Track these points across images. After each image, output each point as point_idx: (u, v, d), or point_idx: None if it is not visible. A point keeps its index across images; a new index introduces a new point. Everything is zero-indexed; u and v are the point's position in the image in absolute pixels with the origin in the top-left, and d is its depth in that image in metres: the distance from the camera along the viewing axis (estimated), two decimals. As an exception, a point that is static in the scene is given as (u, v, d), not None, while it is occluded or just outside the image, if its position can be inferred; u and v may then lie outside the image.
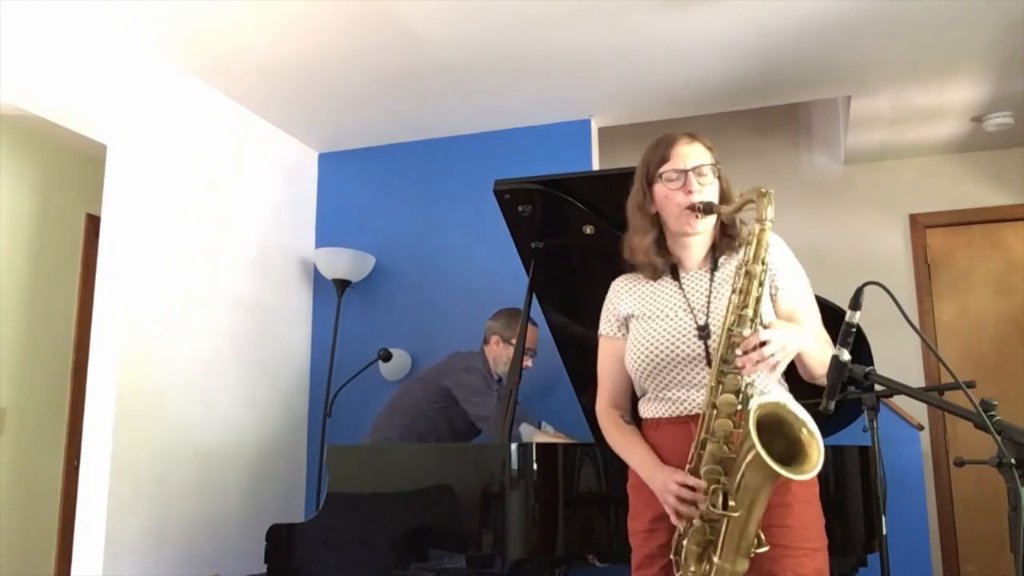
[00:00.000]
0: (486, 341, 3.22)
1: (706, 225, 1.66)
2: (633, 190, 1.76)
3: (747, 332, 1.49)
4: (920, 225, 4.45)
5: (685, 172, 1.65)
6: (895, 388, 1.41)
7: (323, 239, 4.30)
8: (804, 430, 1.41)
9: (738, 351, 1.48)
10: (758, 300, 1.51)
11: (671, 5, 2.94)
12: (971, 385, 1.38)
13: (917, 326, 2.74)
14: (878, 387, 1.78)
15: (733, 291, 1.53)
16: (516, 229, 2.73)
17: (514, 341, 3.10)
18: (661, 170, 1.68)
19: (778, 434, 1.42)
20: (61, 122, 3.02)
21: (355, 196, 4.32)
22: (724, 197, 1.68)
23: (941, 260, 4.41)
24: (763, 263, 1.51)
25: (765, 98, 3.85)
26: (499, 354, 3.17)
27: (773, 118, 4.62)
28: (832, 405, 1.43)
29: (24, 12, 2.76)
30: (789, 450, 1.41)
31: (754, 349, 1.46)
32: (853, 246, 4.43)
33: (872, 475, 2.45)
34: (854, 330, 1.40)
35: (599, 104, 3.88)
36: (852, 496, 2.57)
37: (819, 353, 1.58)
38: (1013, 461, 1.22)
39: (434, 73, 3.49)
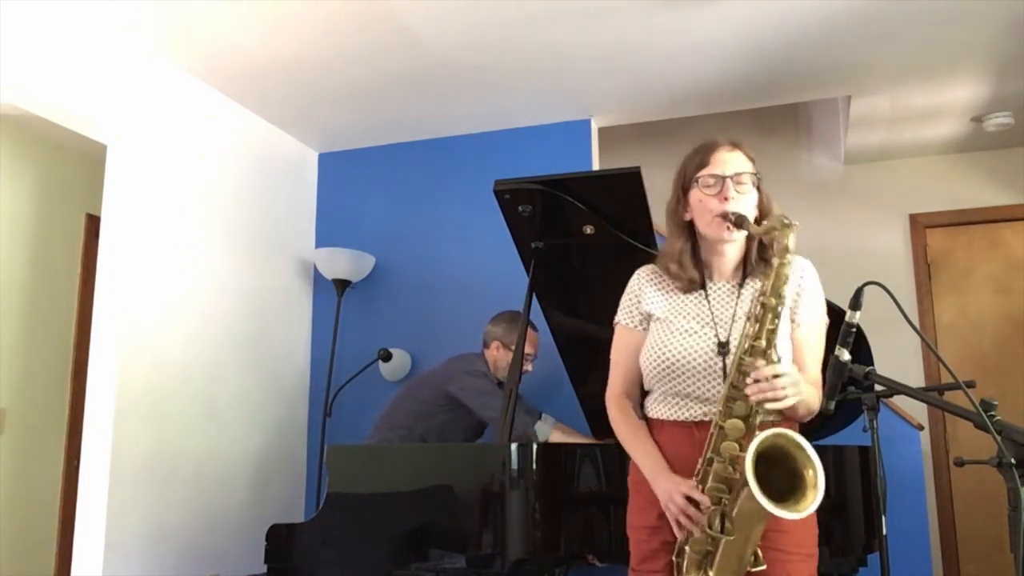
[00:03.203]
0: (486, 345, 3.21)
1: (739, 234, 1.63)
2: (669, 196, 1.73)
3: (759, 363, 1.46)
4: (920, 225, 4.45)
5: (723, 179, 1.62)
6: (895, 388, 1.41)
7: (323, 239, 4.30)
8: (810, 470, 1.39)
9: (749, 379, 1.46)
10: (772, 332, 1.48)
11: (671, 5, 2.93)
12: (971, 385, 1.38)
13: (917, 326, 2.74)
14: (878, 387, 1.78)
15: (748, 319, 1.51)
16: (516, 229, 2.73)
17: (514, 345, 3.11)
18: (698, 175, 1.65)
19: (781, 465, 1.41)
20: (61, 122, 3.02)
21: (355, 196, 4.32)
22: (763, 209, 1.66)
23: (941, 260, 4.41)
24: (780, 296, 1.47)
25: (765, 98, 3.85)
26: (499, 359, 3.16)
27: (773, 118, 4.62)
28: (832, 405, 1.43)
29: (24, 12, 2.76)
30: (790, 482, 1.41)
31: (767, 380, 1.44)
32: (853, 246, 4.43)
33: (872, 475, 2.45)
34: (854, 330, 1.40)
35: (599, 104, 3.88)
36: (852, 496, 2.57)
37: (808, 401, 1.56)
38: (1013, 461, 1.22)
39: (434, 73, 3.49)
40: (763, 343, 1.47)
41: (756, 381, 1.44)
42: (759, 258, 1.67)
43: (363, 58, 3.35)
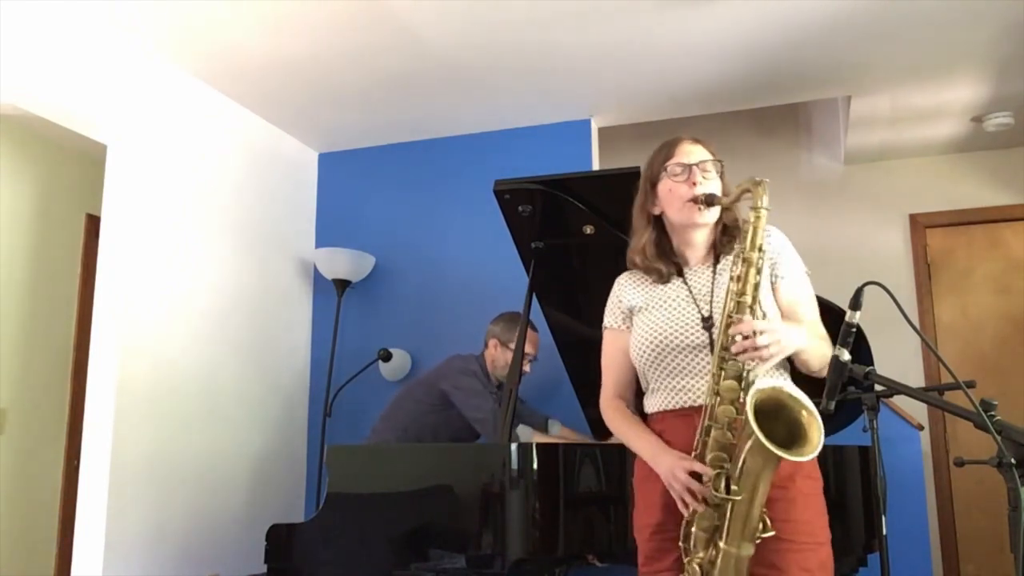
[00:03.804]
0: (485, 344, 3.22)
1: (711, 216, 1.68)
2: (637, 195, 1.79)
3: (746, 318, 1.51)
4: (920, 225, 4.45)
5: (689, 166, 1.68)
6: (895, 388, 1.41)
7: (323, 239, 4.30)
8: (804, 412, 1.43)
9: (737, 337, 1.50)
10: (756, 287, 1.53)
11: (671, 5, 2.94)
12: (971, 385, 1.38)
13: (917, 326, 2.74)
14: (878, 387, 1.78)
15: (731, 278, 1.56)
16: (516, 229, 2.73)
17: (511, 345, 3.10)
18: (666, 165, 1.71)
19: (778, 418, 1.43)
20: (61, 122, 3.02)
21: (355, 196, 4.32)
22: (725, 195, 1.70)
23: (941, 260, 4.41)
24: (760, 250, 1.54)
25: (765, 98, 3.85)
26: (497, 357, 3.16)
27: (773, 118, 4.62)
28: (832, 405, 1.43)
29: (24, 12, 2.76)
30: (790, 433, 1.43)
31: (747, 338, 1.48)
32: (853, 246, 4.43)
33: (872, 475, 2.45)
34: (854, 330, 1.40)
35: (599, 104, 3.88)
36: (852, 496, 2.57)
37: (816, 351, 1.61)
38: (1013, 461, 1.22)
39: (434, 73, 3.49)
40: (748, 299, 1.53)
41: (743, 336, 1.48)
42: (725, 238, 1.74)
43: (363, 58, 3.35)
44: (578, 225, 2.61)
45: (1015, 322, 4.26)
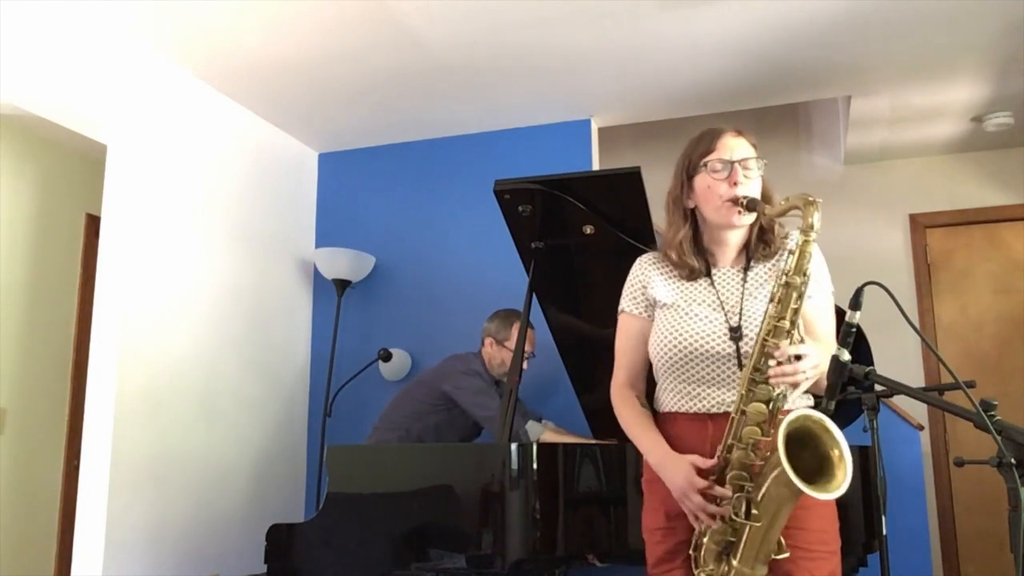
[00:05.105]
0: (482, 343, 3.23)
1: (749, 219, 1.62)
2: (671, 184, 1.72)
3: (783, 343, 1.45)
4: (920, 225, 4.46)
5: (731, 163, 1.61)
6: (895, 388, 1.41)
7: (323, 239, 4.30)
8: (836, 450, 1.40)
9: (771, 361, 1.45)
10: (796, 312, 1.46)
11: (671, 5, 2.94)
12: (971, 385, 1.38)
13: (917, 326, 2.74)
14: (878, 387, 1.78)
15: (771, 300, 1.49)
16: (516, 229, 2.73)
17: (507, 343, 3.11)
18: (705, 160, 1.63)
19: (806, 445, 1.41)
20: (61, 122, 3.02)
21: (355, 196, 4.32)
22: (764, 197, 1.65)
23: (941, 260, 4.42)
24: (804, 275, 1.45)
25: (765, 98, 3.85)
26: (492, 355, 3.16)
27: (773, 118, 4.62)
28: (832, 405, 1.43)
29: (24, 12, 2.76)
30: (816, 462, 1.40)
31: (788, 361, 1.43)
32: (853, 246, 4.43)
33: (872, 475, 2.45)
34: (854, 330, 1.40)
35: (599, 104, 3.88)
36: (852, 496, 2.57)
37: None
38: (1013, 461, 1.22)
39: (434, 73, 3.49)
40: (787, 323, 1.46)
41: (779, 363, 1.44)
42: (759, 241, 1.67)
43: (363, 58, 3.35)
44: (578, 225, 2.61)
45: (1015, 322, 4.26)
